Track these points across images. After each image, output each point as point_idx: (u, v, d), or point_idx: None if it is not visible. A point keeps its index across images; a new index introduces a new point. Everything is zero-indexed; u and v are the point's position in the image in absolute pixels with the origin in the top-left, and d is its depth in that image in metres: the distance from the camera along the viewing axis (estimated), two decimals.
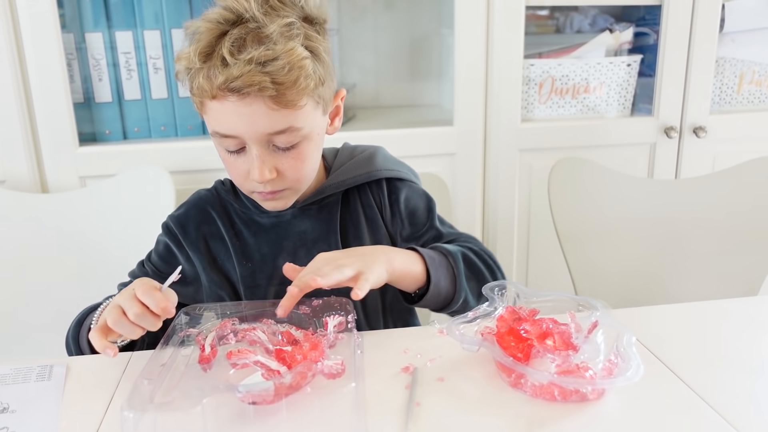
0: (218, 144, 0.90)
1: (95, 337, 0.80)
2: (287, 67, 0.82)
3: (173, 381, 0.77)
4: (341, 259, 0.84)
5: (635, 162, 1.76)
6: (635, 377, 0.71)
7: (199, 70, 0.84)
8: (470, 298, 0.96)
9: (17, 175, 1.46)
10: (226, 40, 0.82)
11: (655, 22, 1.71)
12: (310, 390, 0.72)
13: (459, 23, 1.58)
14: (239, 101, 0.82)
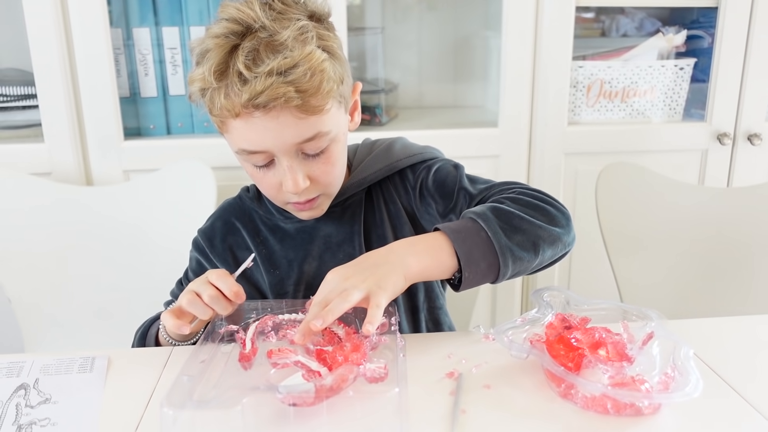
0: (245, 161, 0.87)
1: (167, 317, 0.81)
2: (309, 73, 0.79)
3: (213, 378, 0.76)
4: (352, 277, 0.77)
5: (685, 169, 1.70)
6: (695, 392, 0.67)
7: (216, 89, 0.80)
8: (523, 253, 0.82)
9: (64, 168, 1.48)
10: (239, 54, 0.78)
11: (711, 24, 1.66)
12: (352, 393, 0.70)
13: (507, 24, 1.55)
14: (265, 116, 0.79)
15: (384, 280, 0.77)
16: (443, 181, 0.96)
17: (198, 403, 0.69)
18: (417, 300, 1.02)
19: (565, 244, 0.86)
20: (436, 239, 0.82)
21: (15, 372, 0.79)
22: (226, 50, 0.79)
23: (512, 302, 1.73)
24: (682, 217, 1.43)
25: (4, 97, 1.55)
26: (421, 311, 1.03)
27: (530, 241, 0.82)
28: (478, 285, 0.83)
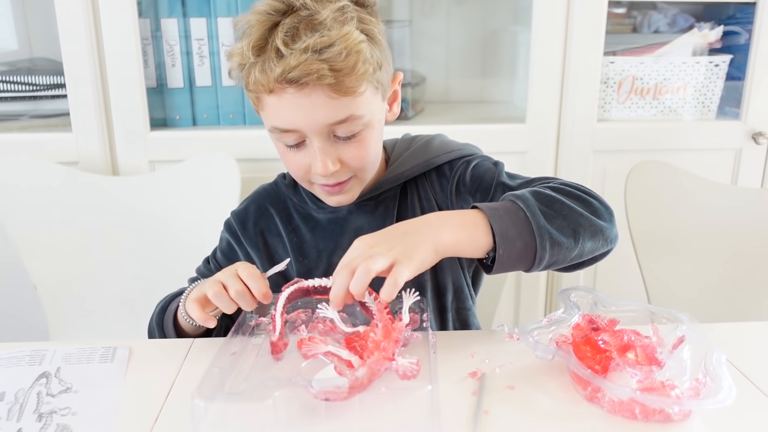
0: (277, 140, 0.87)
1: (193, 308, 0.82)
2: (344, 52, 0.78)
3: (244, 370, 0.75)
4: (378, 245, 0.73)
5: (718, 168, 1.66)
6: (727, 400, 0.65)
7: (253, 64, 0.80)
8: (562, 238, 0.78)
9: (90, 157, 1.49)
10: (278, 31, 0.79)
11: (748, 20, 1.61)
12: (384, 390, 0.70)
13: (537, 18, 1.52)
14: (298, 92, 0.79)
15: (412, 250, 0.73)
16: (481, 177, 0.94)
17: (229, 395, 0.68)
18: (445, 300, 1.01)
19: (607, 239, 0.82)
20: (473, 215, 0.78)
21: (37, 360, 0.79)
22: (267, 27, 0.80)
23: (536, 302, 1.70)
24: (714, 218, 1.40)
25: (34, 87, 1.56)
26: (449, 311, 1.01)
27: (570, 227, 0.79)
28: (512, 268, 0.79)
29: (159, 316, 0.93)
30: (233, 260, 1.00)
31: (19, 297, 1.55)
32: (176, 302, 0.90)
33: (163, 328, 0.92)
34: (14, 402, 0.72)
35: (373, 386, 0.69)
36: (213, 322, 0.82)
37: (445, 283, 1.00)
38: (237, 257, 1.02)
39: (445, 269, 0.99)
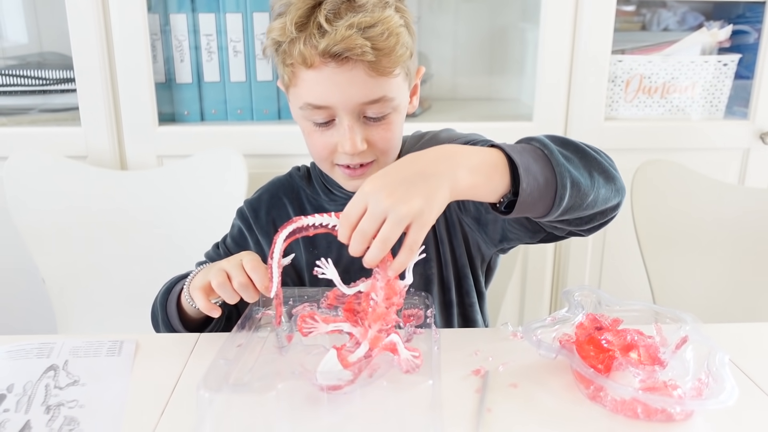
0: (307, 117, 0.87)
1: (198, 296, 0.83)
2: (386, 33, 0.81)
3: (249, 363, 0.76)
4: (395, 193, 0.66)
5: (726, 167, 1.65)
6: (729, 400, 0.65)
7: (295, 39, 0.82)
8: (580, 177, 0.75)
9: (99, 152, 1.50)
10: (321, 9, 0.81)
11: (758, 19, 1.60)
12: (387, 384, 0.70)
13: (545, 16, 1.52)
14: (338, 68, 0.81)
15: (433, 198, 0.67)
16: None
17: (234, 386, 0.69)
18: (450, 295, 1.01)
19: (618, 188, 0.80)
20: (491, 154, 0.73)
21: (45, 353, 0.80)
22: (309, 5, 0.82)
23: (541, 301, 1.71)
24: (721, 218, 1.39)
25: (43, 81, 1.57)
26: (454, 306, 1.02)
27: (586, 169, 0.77)
28: (532, 209, 0.75)
29: (163, 297, 0.94)
30: (243, 247, 1.02)
31: (28, 290, 1.57)
32: (181, 285, 0.91)
33: (166, 309, 0.92)
34: (23, 394, 0.73)
35: (375, 380, 0.69)
36: (217, 312, 0.83)
37: (449, 278, 1.00)
38: (247, 245, 1.03)
39: (449, 263, 1.00)
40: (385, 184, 0.68)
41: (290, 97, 0.89)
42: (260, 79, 1.57)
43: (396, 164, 0.71)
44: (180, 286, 0.91)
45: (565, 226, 0.83)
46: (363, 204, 0.68)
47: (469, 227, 0.99)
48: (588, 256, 1.69)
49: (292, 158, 1.53)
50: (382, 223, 0.66)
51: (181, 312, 0.91)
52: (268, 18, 1.52)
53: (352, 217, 0.68)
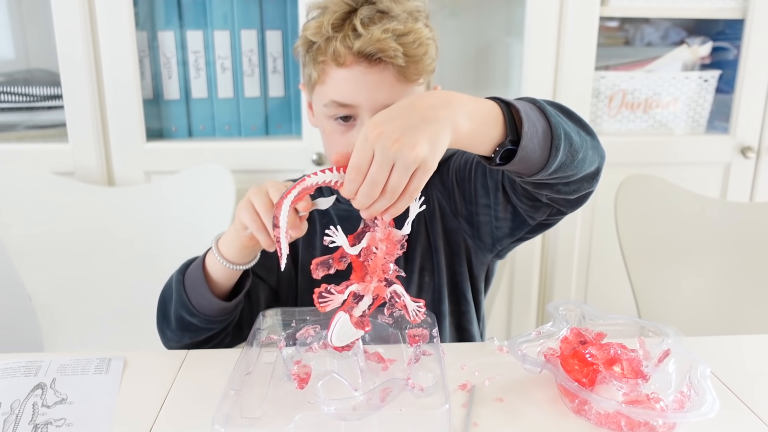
0: (329, 116, 0.91)
1: (231, 239, 0.84)
2: (417, 42, 0.87)
3: (260, 392, 0.75)
4: (402, 138, 0.64)
5: (707, 182, 1.68)
6: (710, 413, 0.67)
7: (331, 38, 0.87)
8: (572, 133, 0.75)
9: (86, 168, 1.50)
10: (357, 15, 0.87)
11: (736, 36, 1.63)
12: (403, 410, 0.71)
13: (529, 32, 1.55)
14: (368, 69, 0.86)
15: (437, 143, 0.66)
16: (467, 159, 0.98)
17: (250, 420, 0.69)
18: (443, 305, 1.02)
19: (600, 153, 0.81)
20: (488, 104, 0.72)
21: (33, 371, 0.80)
22: (346, 10, 0.88)
23: (528, 314, 1.72)
24: (704, 232, 1.42)
25: (30, 97, 1.57)
26: (446, 316, 1.03)
27: (575, 128, 0.77)
28: (530, 159, 0.73)
29: (179, 275, 0.91)
30: None
31: (14, 307, 1.56)
32: (200, 257, 0.90)
33: (184, 287, 0.89)
34: (10, 413, 0.73)
35: (388, 403, 0.70)
36: (252, 253, 0.85)
37: (442, 287, 1.02)
38: None
39: (443, 272, 1.01)
40: (391, 130, 0.64)
41: (315, 96, 0.93)
42: (248, 95, 1.58)
43: (396, 108, 0.67)
44: (200, 259, 0.89)
45: (553, 194, 0.82)
46: (370, 152, 0.64)
47: (465, 233, 1.01)
48: (574, 269, 1.70)
49: (280, 173, 1.55)
50: (391, 170, 0.64)
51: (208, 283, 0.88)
52: (256, 34, 1.53)
53: (363, 167, 0.65)
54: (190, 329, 0.90)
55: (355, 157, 0.65)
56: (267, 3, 1.53)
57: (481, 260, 1.03)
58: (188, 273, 0.90)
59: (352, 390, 0.72)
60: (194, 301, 0.88)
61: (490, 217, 0.95)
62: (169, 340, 0.94)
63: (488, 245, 1.00)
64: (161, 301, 0.94)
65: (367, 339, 0.85)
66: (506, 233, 0.95)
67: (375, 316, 0.86)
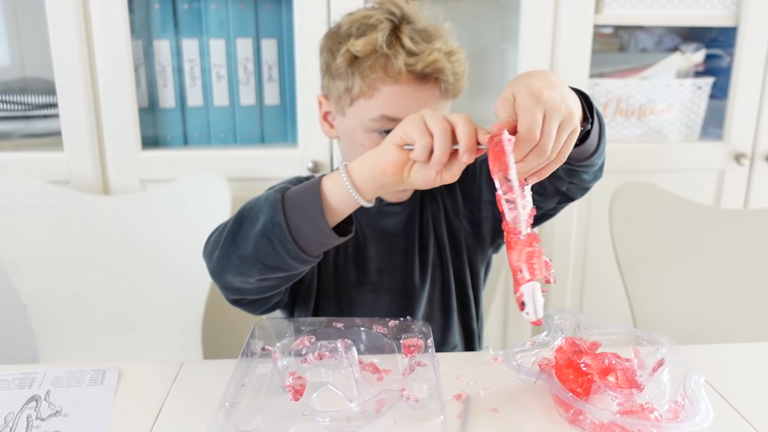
0: (375, 128, 0.92)
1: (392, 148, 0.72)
2: (460, 61, 0.93)
3: (255, 404, 0.75)
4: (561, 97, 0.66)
5: (702, 188, 1.69)
6: (704, 422, 0.67)
7: (384, 55, 0.89)
8: (603, 120, 0.80)
9: (81, 176, 1.50)
10: (403, 33, 0.90)
11: (729, 43, 1.64)
12: (398, 422, 0.71)
13: (523, 39, 1.55)
14: (420, 85, 0.90)
15: (573, 104, 0.68)
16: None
17: None
18: (451, 300, 1.05)
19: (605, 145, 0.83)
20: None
21: (27, 383, 0.80)
22: (391, 27, 0.91)
23: (523, 323, 1.72)
24: (698, 239, 1.42)
25: (26, 106, 1.57)
26: (454, 312, 1.05)
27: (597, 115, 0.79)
28: (593, 142, 0.77)
29: (276, 194, 0.77)
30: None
31: (9, 317, 1.56)
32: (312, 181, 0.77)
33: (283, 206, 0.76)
34: (4, 425, 0.72)
35: (386, 417, 0.71)
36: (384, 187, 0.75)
37: (450, 282, 1.04)
38: None
39: (450, 268, 1.04)
40: (555, 95, 0.66)
41: (355, 109, 0.93)
42: (243, 104, 1.58)
43: (543, 77, 0.68)
44: (312, 181, 0.77)
45: (577, 181, 0.86)
46: (542, 112, 0.65)
47: (466, 232, 1.04)
48: (569, 277, 1.71)
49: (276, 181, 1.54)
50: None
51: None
52: (251, 43, 1.54)
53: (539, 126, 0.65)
54: (267, 259, 0.77)
55: (532, 118, 0.64)
56: (262, 11, 1.53)
57: (481, 257, 1.07)
58: (291, 194, 0.77)
59: (347, 401, 0.72)
60: (293, 225, 0.75)
61: (492, 212, 1.00)
62: (226, 267, 0.81)
63: (488, 240, 1.04)
64: (237, 221, 0.80)
65: (362, 349, 0.85)
66: None
67: (370, 326, 0.86)
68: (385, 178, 0.74)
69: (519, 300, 0.68)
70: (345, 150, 1.00)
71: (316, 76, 1.49)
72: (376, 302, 1.02)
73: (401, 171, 0.73)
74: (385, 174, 0.73)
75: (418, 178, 0.72)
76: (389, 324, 0.86)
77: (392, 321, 0.86)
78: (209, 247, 0.84)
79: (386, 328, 0.86)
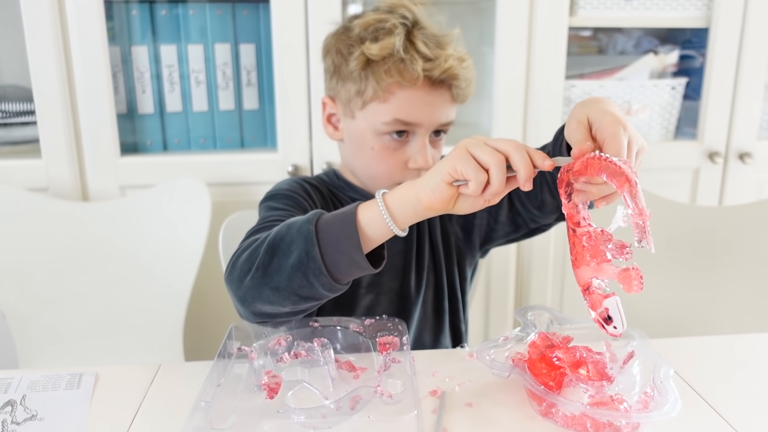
0: (388, 131, 0.93)
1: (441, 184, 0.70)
2: (470, 68, 0.95)
3: (231, 403, 0.76)
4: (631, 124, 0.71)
5: (677, 187, 1.71)
6: (672, 412, 0.68)
7: (400, 60, 0.90)
8: None
9: (60, 184, 1.49)
10: (416, 38, 0.92)
11: (702, 45, 1.67)
12: (372, 417, 0.72)
13: (500, 42, 1.57)
14: (433, 90, 0.92)
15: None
16: None
17: (220, 431, 0.69)
18: (443, 302, 1.06)
19: None
20: None
21: (3, 388, 0.80)
22: (403, 33, 0.92)
23: (505, 321, 1.73)
24: (674, 235, 1.44)
25: (3, 114, 1.57)
26: (446, 313, 1.07)
27: None
28: None
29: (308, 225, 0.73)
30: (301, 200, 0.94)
31: None
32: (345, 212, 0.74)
33: (318, 238, 0.72)
34: None
35: (360, 414, 0.71)
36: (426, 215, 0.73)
37: (443, 284, 1.06)
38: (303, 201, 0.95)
39: (443, 270, 1.05)
40: (628, 123, 0.70)
41: (367, 112, 0.94)
42: (222, 109, 1.58)
43: (613, 108, 0.72)
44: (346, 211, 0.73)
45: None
46: (627, 138, 0.69)
47: (457, 236, 1.05)
48: (549, 273, 1.72)
49: (256, 186, 1.56)
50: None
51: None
52: (230, 48, 1.54)
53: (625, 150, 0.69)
54: (302, 291, 0.74)
55: (622, 143, 0.68)
56: (240, 16, 1.54)
57: (469, 261, 1.09)
58: (325, 225, 0.73)
59: (322, 399, 0.73)
60: (329, 259, 0.72)
61: (487, 221, 1.02)
62: (257, 297, 0.76)
63: (477, 246, 1.06)
64: (268, 251, 0.75)
65: (339, 348, 0.86)
66: (501, 235, 1.03)
67: (346, 325, 0.87)
68: (429, 213, 0.73)
69: (603, 316, 0.68)
70: (350, 153, 1.00)
71: (294, 80, 1.51)
72: (375, 304, 1.02)
73: (448, 204, 0.72)
74: (431, 209, 0.72)
75: (465, 208, 0.73)
76: (365, 323, 0.87)
77: (368, 320, 0.87)
78: (236, 275, 0.77)
79: (362, 327, 0.87)
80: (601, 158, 0.66)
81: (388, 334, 0.84)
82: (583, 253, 0.70)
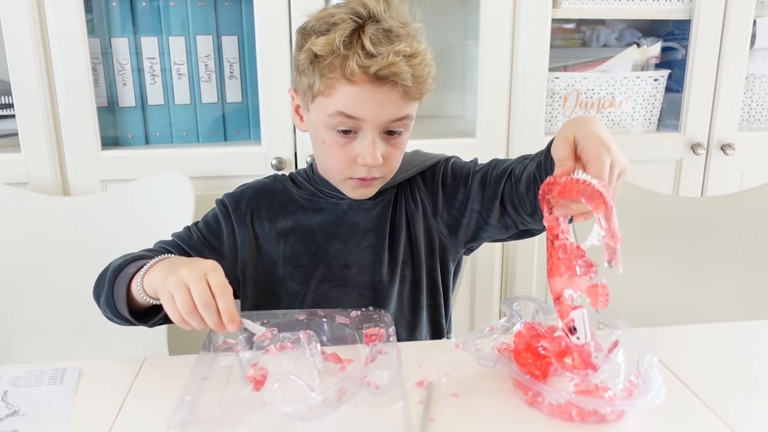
0: (332, 127, 0.92)
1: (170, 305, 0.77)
2: (423, 63, 0.91)
3: (216, 396, 0.75)
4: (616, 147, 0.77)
5: (661, 178, 1.73)
6: (656, 400, 0.69)
7: (342, 55, 0.88)
8: None
9: (40, 178, 1.47)
10: (365, 33, 0.88)
11: (684, 37, 1.68)
12: (359, 408, 0.72)
13: (484, 35, 1.57)
14: (377, 88, 0.89)
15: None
16: (461, 168, 1.04)
17: (205, 423, 0.69)
18: (421, 297, 1.05)
19: None
20: None
21: None
22: (353, 27, 0.89)
23: (490, 313, 1.74)
24: (657, 226, 1.45)
25: None
26: (423, 308, 1.06)
27: None
28: None
29: (113, 275, 0.89)
30: (216, 235, 1.03)
31: None
32: (135, 266, 0.87)
33: (113, 289, 0.88)
34: None
35: (345, 402, 0.71)
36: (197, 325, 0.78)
37: (422, 279, 1.05)
38: (221, 232, 1.03)
39: (422, 265, 1.05)
40: (614, 146, 0.76)
41: (315, 105, 0.93)
42: (205, 101, 1.57)
43: (602, 130, 0.77)
44: (133, 269, 0.86)
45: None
46: (609, 160, 0.74)
47: (441, 233, 1.05)
48: (534, 266, 1.73)
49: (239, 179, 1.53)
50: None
51: (128, 295, 0.87)
52: (212, 40, 1.53)
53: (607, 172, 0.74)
54: (120, 322, 0.92)
55: (604, 165, 0.73)
56: (222, 8, 1.53)
57: (453, 256, 1.08)
58: (117, 285, 0.88)
59: (308, 390, 0.73)
60: (121, 310, 0.88)
61: (476, 220, 1.01)
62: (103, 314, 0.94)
63: (462, 243, 1.05)
64: (96, 288, 0.95)
65: (325, 341, 0.85)
66: (490, 235, 1.03)
67: (333, 318, 0.87)
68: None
69: (568, 326, 0.74)
70: (312, 145, 1.00)
71: (277, 73, 1.50)
72: (342, 297, 1.02)
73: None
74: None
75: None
76: (351, 315, 0.87)
77: (354, 312, 0.87)
78: (94, 293, 0.96)
79: (348, 319, 0.86)
80: (580, 181, 0.70)
81: (375, 326, 0.84)
82: (558, 264, 0.76)
